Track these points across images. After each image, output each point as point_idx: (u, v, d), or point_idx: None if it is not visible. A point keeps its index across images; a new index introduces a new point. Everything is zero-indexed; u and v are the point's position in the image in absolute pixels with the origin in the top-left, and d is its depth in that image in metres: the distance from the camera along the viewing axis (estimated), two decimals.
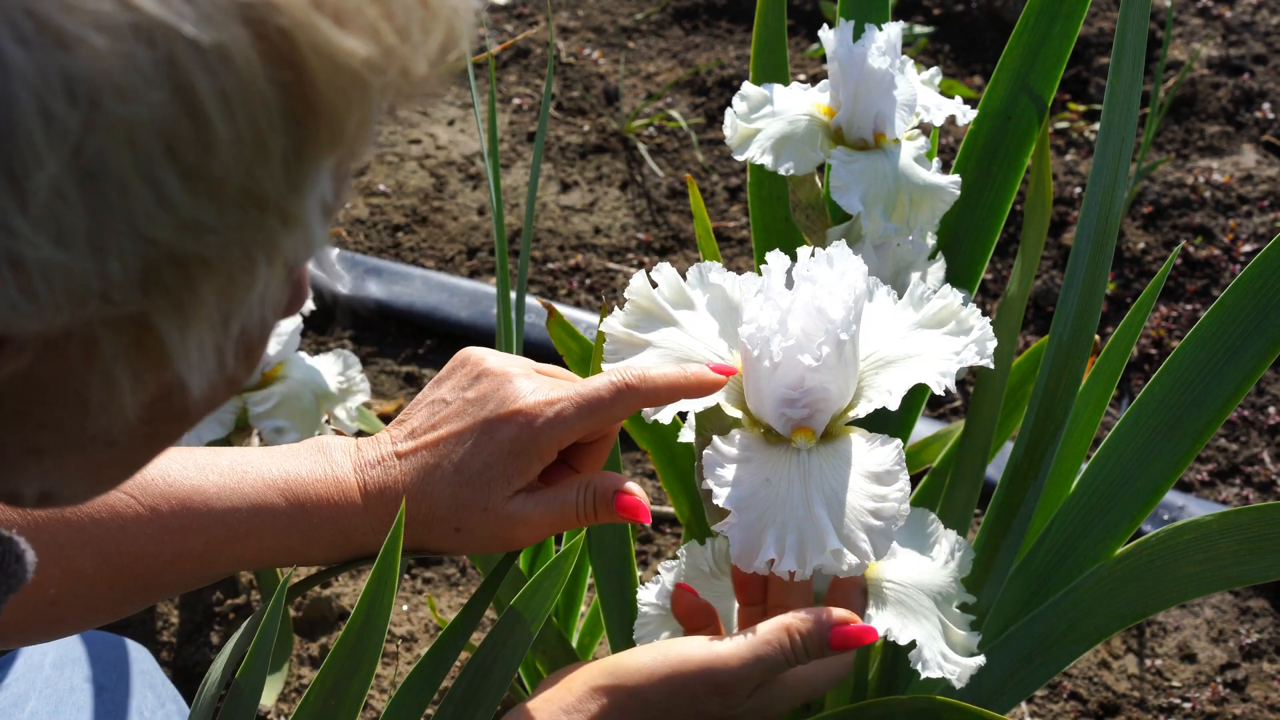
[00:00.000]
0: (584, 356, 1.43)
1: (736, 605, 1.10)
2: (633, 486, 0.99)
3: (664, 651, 0.93)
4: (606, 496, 0.98)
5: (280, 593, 0.96)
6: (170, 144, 0.51)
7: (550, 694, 0.92)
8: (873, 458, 0.96)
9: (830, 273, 0.97)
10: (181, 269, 0.54)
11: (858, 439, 0.98)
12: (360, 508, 0.99)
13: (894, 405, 0.98)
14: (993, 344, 1.00)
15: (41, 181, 0.50)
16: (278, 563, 1.01)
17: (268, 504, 0.98)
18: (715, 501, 0.95)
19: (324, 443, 1.01)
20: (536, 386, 0.99)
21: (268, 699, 1.84)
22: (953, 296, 1.02)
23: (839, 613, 0.94)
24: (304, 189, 0.56)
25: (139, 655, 1.35)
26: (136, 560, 0.96)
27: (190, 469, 0.98)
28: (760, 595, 1.02)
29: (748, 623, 0.99)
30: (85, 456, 0.63)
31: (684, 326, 1.03)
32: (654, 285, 1.04)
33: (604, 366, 1.03)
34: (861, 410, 0.99)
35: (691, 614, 1.02)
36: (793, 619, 0.93)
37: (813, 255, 0.98)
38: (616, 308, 1.04)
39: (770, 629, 0.93)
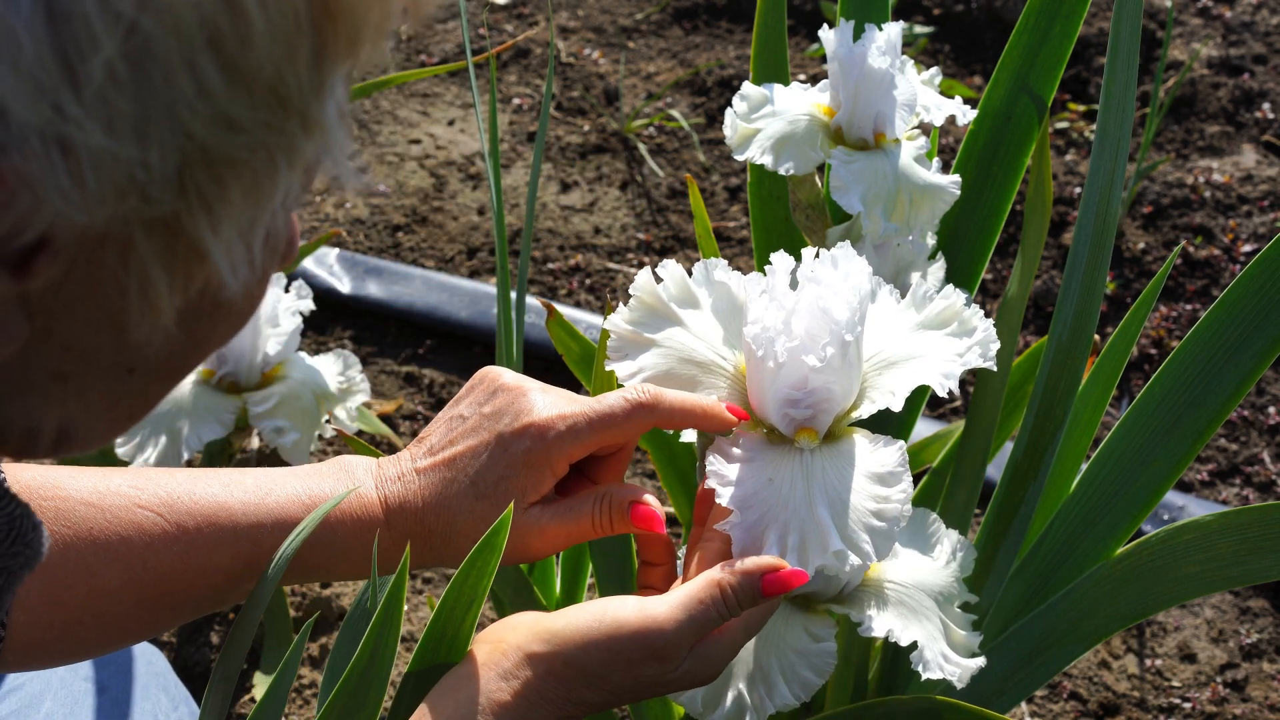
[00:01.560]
0: (584, 356, 1.43)
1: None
2: (649, 498, 1.00)
3: (598, 615, 0.92)
4: (622, 507, 0.99)
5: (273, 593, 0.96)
6: (211, 34, 0.54)
7: (485, 658, 0.92)
8: (875, 458, 0.96)
9: (834, 273, 0.97)
10: (212, 169, 0.57)
11: (861, 440, 0.98)
12: (382, 522, 1.00)
13: (897, 406, 0.98)
14: (995, 345, 1.00)
15: (97, 65, 0.52)
16: (302, 578, 1.01)
17: (292, 519, 0.99)
18: (718, 501, 0.95)
19: (346, 462, 1.03)
20: (551, 401, 1.00)
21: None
22: (956, 297, 1.02)
23: (764, 561, 0.93)
24: (323, 93, 0.59)
25: (153, 657, 1.35)
26: (162, 577, 0.97)
27: (215, 486, 1.00)
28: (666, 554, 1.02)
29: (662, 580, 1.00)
30: (107, 385, 0.64)
31: (688, 325, 1.03)
32: (659, 282, 1.04)
33: (607, 364, 1.03)
34: (865, 411, 0.99)
35: (651, 546, 1.01)
36: (721, 574, 0.92)
37: (817, 256, 0.98)
38: (620, 305, 1.04)
39: (701, 586, 0.92)
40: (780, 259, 0.99)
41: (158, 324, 0.61)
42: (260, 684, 1.85)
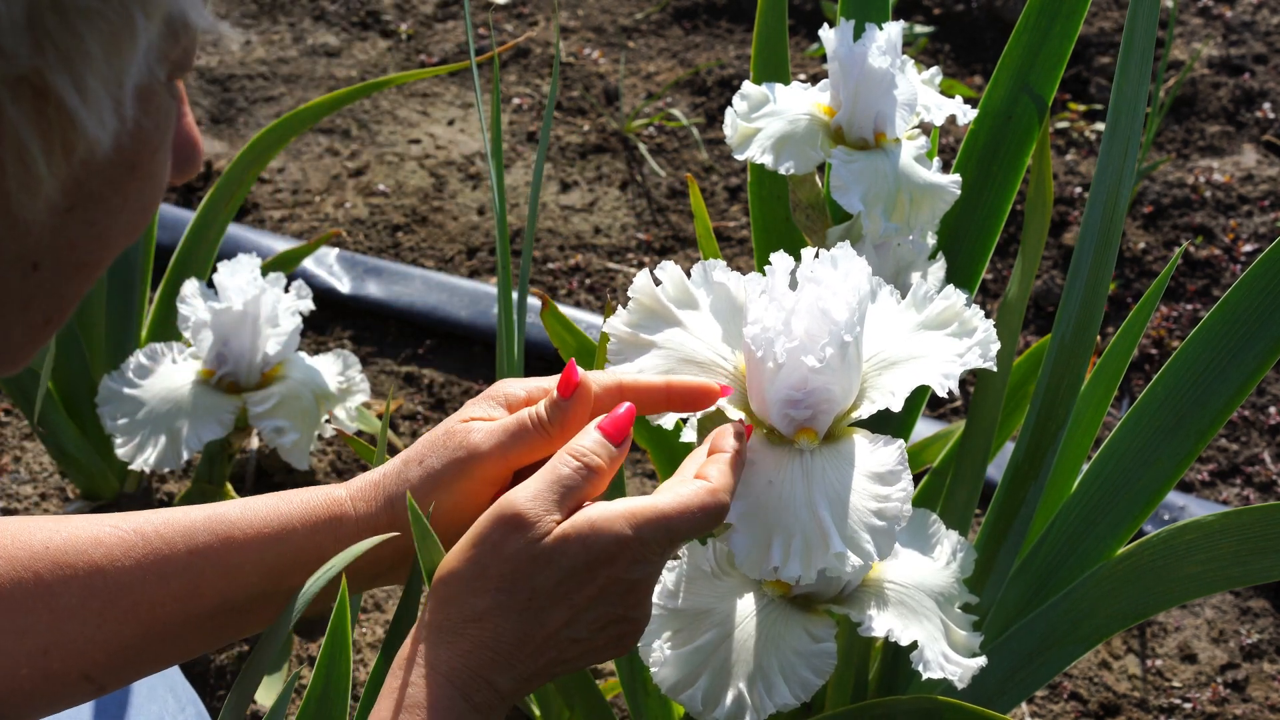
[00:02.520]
0: (579, 350, 1.43)
1: (739, 601, 1.10)
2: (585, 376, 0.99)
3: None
4: (549, 397, 0.98)
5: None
6: None
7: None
8: (875, 458, 0.96)
9: (834, 274, 0.96)
10: (64, 17, 0.56)
11: (861, 440, 0.97)
12: (345, 498, 1.00)
13: (897, 407, 0.98)
14: (996, 346, 1.00)
15: None
16: (273, 579, 1.00)
17: (262, 531, 0.98)
18: None
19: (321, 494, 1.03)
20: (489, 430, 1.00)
21: (267, 700, 1.84)
22: (956, 297, 1.02)
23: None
24: None
25: None
26: (125, 588, 0.96)
27: (172, 510, 1.00)
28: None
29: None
30: (14, 284, 0.63)
31: (687, 326, 1.03)
32: (658, 283, 1.04)
33: (607, 366, 1.03)
34: (865, 411, 0.99)
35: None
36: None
37: (817, 256, 0.98)
38: (620, 306, 1.04)
39: (553, 458, 0.92)
40: (780, 259, 0.99)
41: (39, 196, 0.60)
42: (261, 685, 1.85)
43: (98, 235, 0.65)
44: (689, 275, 1.05)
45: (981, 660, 1.12)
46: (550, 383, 1.00)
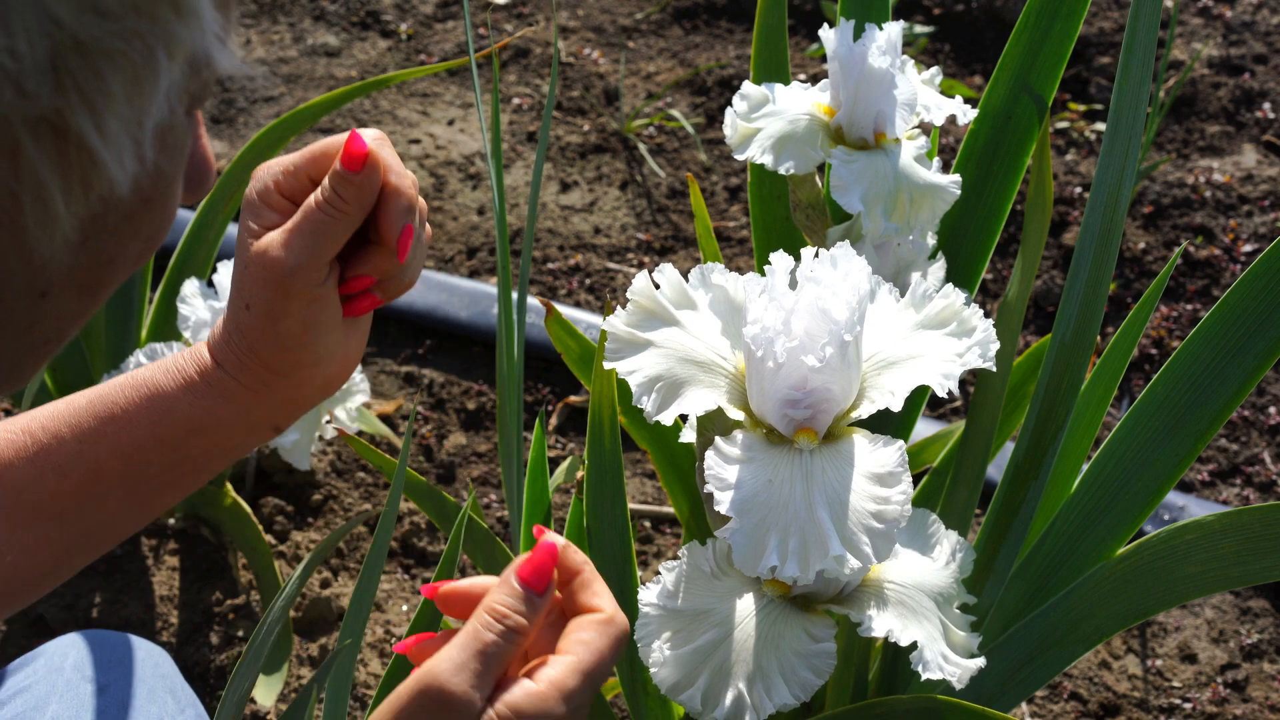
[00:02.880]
0: (583, 355, 1.43)
1: (737, 604, 1.10)
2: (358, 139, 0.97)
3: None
4: (331, 169, 0.96)
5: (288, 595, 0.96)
6: None
7: None
8: (875, 459, 0.96)
9: (834, 273, 0.97)
10: (87, 58, 0.56)
11: (860, 440, 0.97)
12: (211, 362, 1.01)
13: (897, 406, 0.98)
14: (995, 345, 1.00)
15: None
16: (168, 446, 1.00)
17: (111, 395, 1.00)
18: (717, 508, 0.95)
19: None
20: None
21: (267, 699, 1.83)
22: (955, 296, 1.02)
23: (521, 560, 0.86)
24: None
25: (160, 659, 1.35)
26: (20, 489, 0.96)
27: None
28: None
29: None
30: (22, 310, 0.63)
31: (686, 326, 1.03)
32: (656, 286, 1.04)
33: (605, 364, 1.03)
34: (864, 411, 0.99)
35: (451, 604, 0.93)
36: (486, 597, 0.85)
37: (816, 256, 0.98)
38: (619, 307, 1.04)
39: (473, 617, 0.84)
40: (780, 259, 0.99)
41: (57, 234, 0.60)
42: (259, 684, 1.85)
43: (107, 263, 0.66)
44: (688, 278, 1.05)
45: (980, 661, 1.12)
46: (296, 157, 0.99)
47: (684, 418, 1.10)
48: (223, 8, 0.61)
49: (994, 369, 1.00)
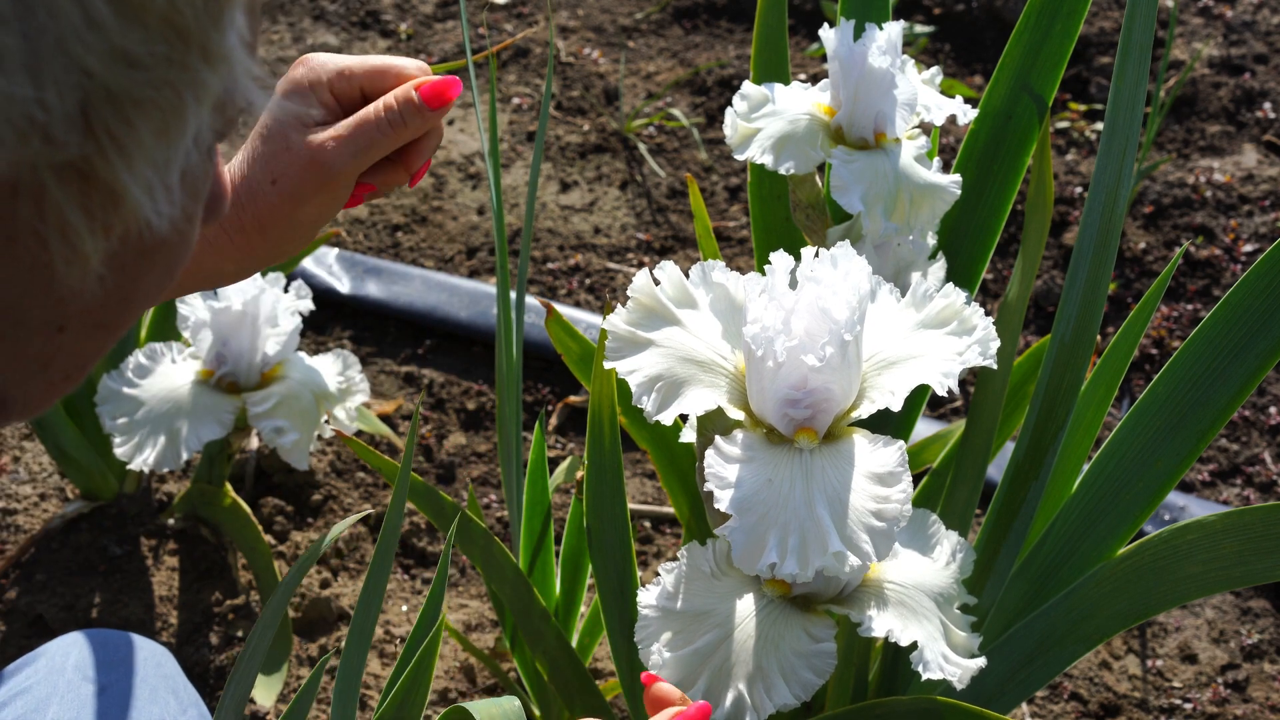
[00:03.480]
0: (583, 356, 1.43)
1: (737, 604, 1.10)
2: (427, 75, 1.03)
3: None
4: (406, 97, 1.02)
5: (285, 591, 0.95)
6: None
7: None
8: (875, 459, 0.96)
9: (834, 273, 0.96)
10: (117, 107, 0.56)
11: (860, 440, 0.97)
12: None
13: (897, 406, 0.97)
14: (996, 344, 1.00)
15: None
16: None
17: None
18: (717, 506, 0.95)
19: None
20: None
21: (266, 700, 1.83)
22: (955, 296, 1.02)
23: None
24: (222, 23, 0.58)
25: (163, 659, 1.34)
26: None
27: None
28: None
29: None
30: (39, 346, 0.63)
31: (686, 325, 1.03)
32: (657, 283, 1.04)
33: (606, 363, 1.03)
34: (864, 411, 0.99)
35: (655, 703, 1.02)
36: None
37: (817, 256, 0.98)
38: (619, 306, 1.04)
39: None
40: (780, 258, 0.99)
41: (87, 271, 0.60)
42: (259, 684, 1.85)
43: (123, 299, 0.66)
44: (688, 276, 1.05)
45: (981, 661, 1.12)
46: (354, 63, 1.04)
47: (684, 418, 1.10)
48: (251, 47, 0.62)
49: (995, 367, 1.00)
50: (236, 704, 1.00)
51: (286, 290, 1.86)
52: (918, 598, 1.13)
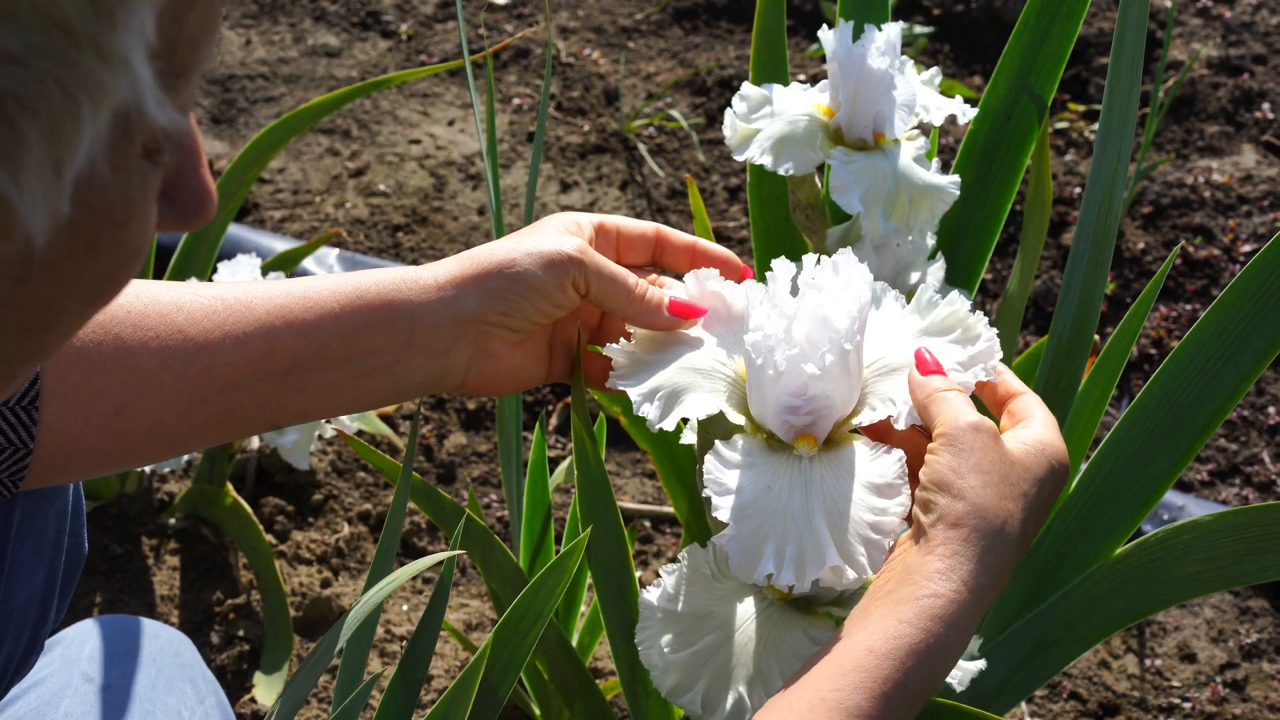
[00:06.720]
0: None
1: (738, 606, 1.10)
2: (676, 294, 1.06)
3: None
4: (667, 297, 1.05)
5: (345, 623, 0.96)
6: None
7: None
8: (874, 468, 0.96)
9: (835, 280, 0.97)
10: (1, 107, 0.53)
11: (860, 447, 0.97)
12: (421, 268, 1.05)
13: (897, 414, 0.98)
14: (999, 355, 1.00)
15: None
16: (345, 340, 1.02)
17: (336, 310, 1.02)
18: (715, 513, 0.95)
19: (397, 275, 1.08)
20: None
21: (267, 699, 1.84)
22: (960, 304, 1.02)
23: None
24: (116, 22, 0.55)
25: (181, 647, 1.32)
26: (201, 349, 0.98)
27: (260, 283, 1.03)
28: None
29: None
30: None
31: (687, 333, 1.04)
32: None
33: (610, 379, 1.03)
34: (865, 419, 0.99)
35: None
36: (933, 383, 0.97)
37: (818, 262, 0.98)
38: (622, 339, 1.05)
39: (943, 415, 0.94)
40: (781, 265, 0.99)
41: None
42: (260, 684, 1.86)
43: (46, 304, 0.63)
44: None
45: (981, 664, 1.12)
46: (639, 229, 1.09)
47: (684, 419, 1.10)
48: (161, 59, 0.58)
49: (995, 380, 1.00)
50: (295, 698, 1.01)
51: None
52: None
